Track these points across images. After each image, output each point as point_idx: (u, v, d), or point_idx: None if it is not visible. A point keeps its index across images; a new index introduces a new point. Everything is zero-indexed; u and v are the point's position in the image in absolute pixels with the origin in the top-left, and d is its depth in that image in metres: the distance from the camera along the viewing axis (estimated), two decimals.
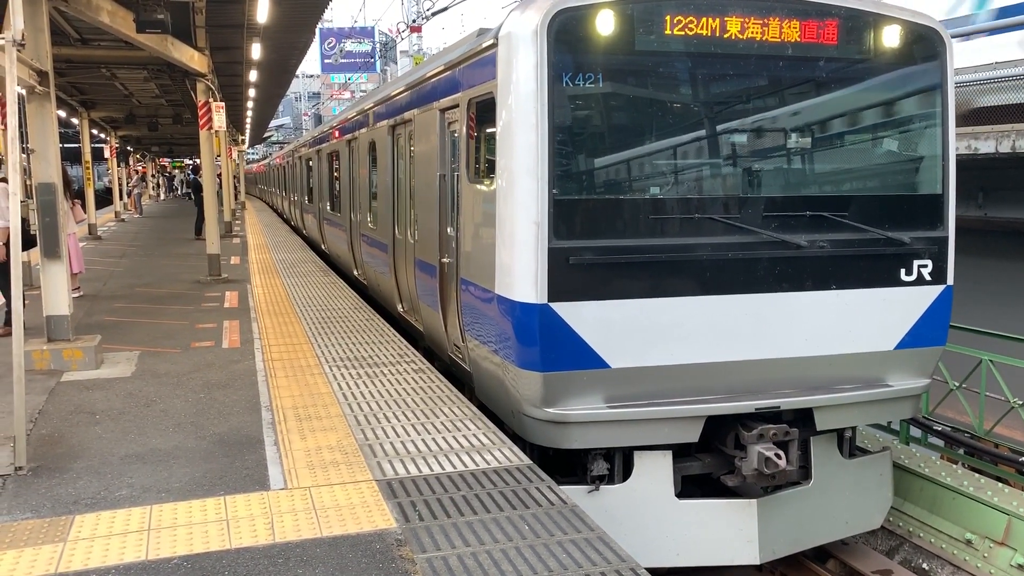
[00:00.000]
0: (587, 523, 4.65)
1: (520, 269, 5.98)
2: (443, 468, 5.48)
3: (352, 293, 12.93)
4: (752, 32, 6.12)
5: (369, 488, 5.15)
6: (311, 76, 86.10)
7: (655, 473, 6.40)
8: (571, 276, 5.90)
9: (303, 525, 4.64)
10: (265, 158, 61.92)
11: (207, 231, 15.26)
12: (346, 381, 7.61)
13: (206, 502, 4.97)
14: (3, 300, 10.24)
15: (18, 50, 5.97)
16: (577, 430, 6.18)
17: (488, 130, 6.75)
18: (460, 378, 7.94)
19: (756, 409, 6.37)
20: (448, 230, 7.93)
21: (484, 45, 6.66)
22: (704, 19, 6.01)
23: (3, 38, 5.79)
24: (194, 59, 14.00)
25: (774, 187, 6.69)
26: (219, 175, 25.48)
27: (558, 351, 5.97)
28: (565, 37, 5.86)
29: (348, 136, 14.29)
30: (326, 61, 64.73)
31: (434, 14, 28.73)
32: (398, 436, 6.10)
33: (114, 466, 5.60)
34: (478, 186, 6.94)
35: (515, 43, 5.96)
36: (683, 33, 6.02)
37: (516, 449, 5.86)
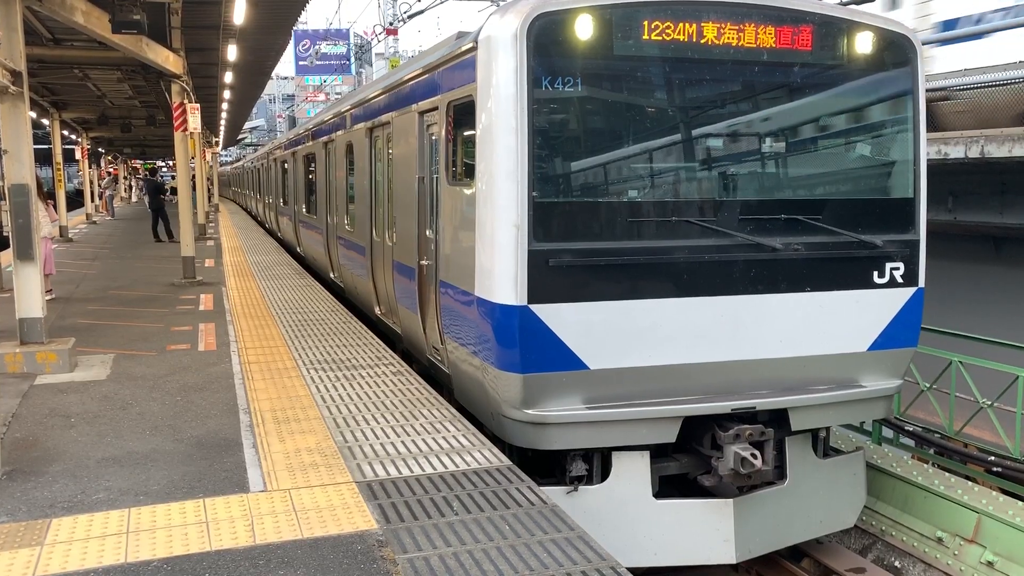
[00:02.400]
0: (567, 523, 4.69)
1: (500, 271, 6.01)
2: (423, 469, 5.49)
3: (328, 296, 12.89)
4: (728, 38, 6.20)
5: (349, 490, 5.16)
6: (285, 78, 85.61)
7: (633, 474, 6.45)
8: (550, 278, 5.94)
9: (284, 527, 4.64)
10: (239, 160, 61.50)
11: (181, 233, 15.14)
12: (324, 384, 7.59)
13: (185, 504, 4.94)
14: None
15: None
16: (556, 431, 6.21)
17: (467, 133, 6.76)
18: (439, 381, 7.92)
19: (732, 409, 6.43)
20: (427, 232, 7.92)
21: (464, 48, 6.68)
22: (681, 24, 6.08)
23: None
24: (169, 60, 13.91)
25: (749, 191, 6.77)
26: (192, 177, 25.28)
27: (537, 353, 6.00)
28: (544, 41, 5.89)
29: (324, 138, 14.22)
30: (301, 63, 64.38)
31: (410, 17, 28.72)
32: (377, 438, 6.11)
33: (91, 469, 5.56)
34: (458, 188, 6.95)
35: (495, 47, 6.00)
36: (660, 38, 6.08)
37: (496, 450, 5.89)
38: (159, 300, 12.67)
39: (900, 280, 6.75)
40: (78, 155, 34.75)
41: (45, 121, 25.40)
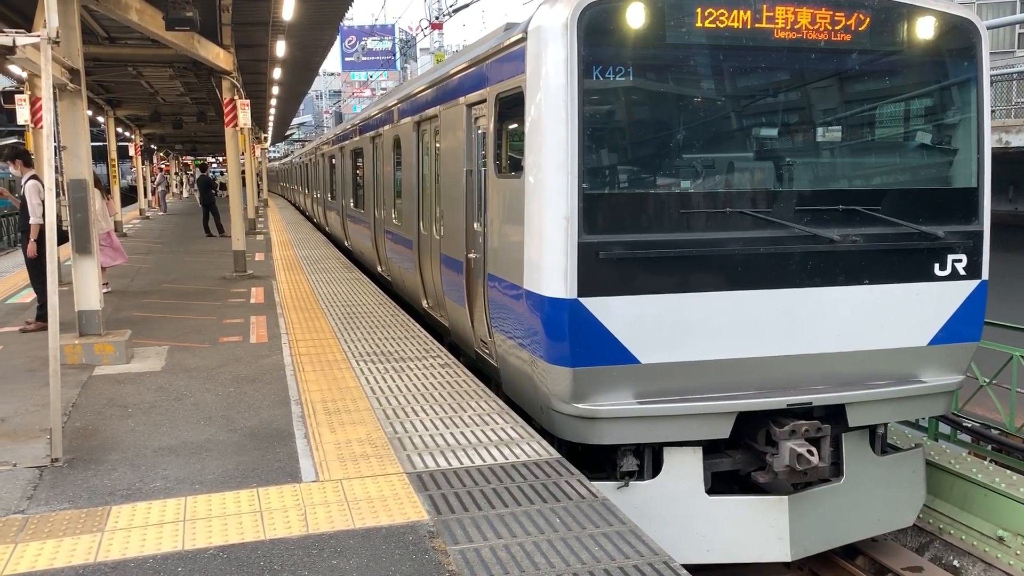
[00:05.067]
0: (618, 516, 4.65)
1: (549, 264, 5.96)
2: (472, 461, 5.50)
3: (376, 289, 12.98)
4: (784, 24, 6.07)
5: (400, 480, 5.18)
6: (332, 74, 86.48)
7: (685, 469, 6.37)
8: (601, 271, 5.88)
9: (336, 517, 4.68)
10: (286, 156, 62.27)
11: (232, 228, 15.37)
12: (373, 375, 7.65)
13: (239, 494, 5.02)
14: (35, 295, 10.39)
15: (52, 48, 6.05)
16: (607, 426, 6.16)
17: (516, 125, 6.74)
18: (487, 374, 7.94)
19: (788, 405, 6.31)
20: (475, 226, 7.92)
21: (513, 39, 6.65)
22: (735, 11, 5.97)
23: (38, 36, 5.86)
24: (220, 57, 14.11)
25: (806, 181, 6.62)
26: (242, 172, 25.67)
27: (588, 346, 5.95)
28: (595, 31, 5.82)
29: (372, 133, 14.29)
30: (347, 59, 64.94)
31: (456, 11, 28.77)
32: (427, 429, 6.14)
33: (148, 458, 5.67)
34: (506, 181, 6.93)
35: (545, 37, 5.94)
36: (714, 26, 5.97)
37: (545, 443, 5.87)
38: (211, 293, 12.89)
39: (963, 273, 6.56)
40: (131, 152, 35.50)
41: (100, 119, 26.00)
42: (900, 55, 6.49)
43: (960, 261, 6.55)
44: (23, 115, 14.12)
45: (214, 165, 64.11)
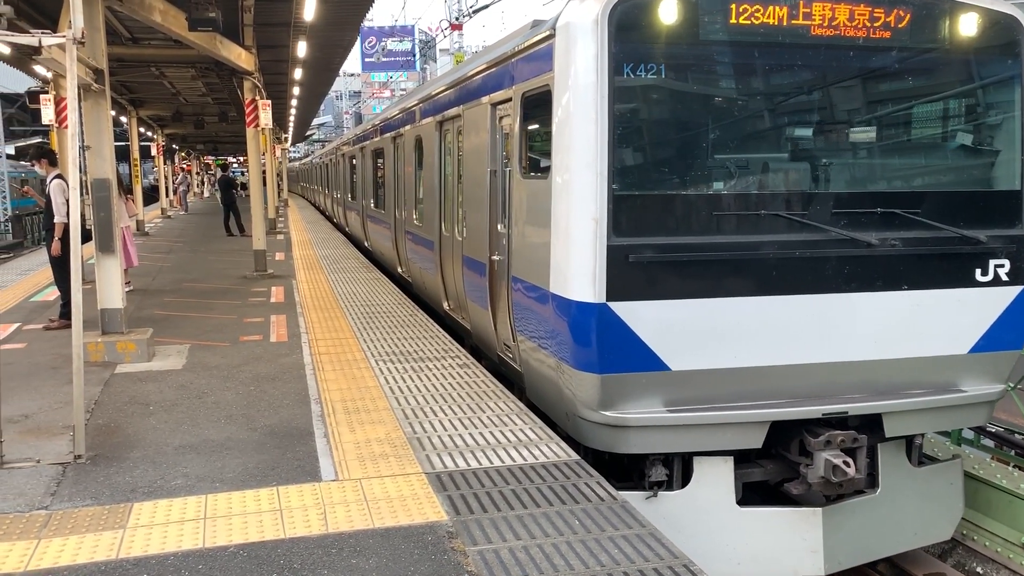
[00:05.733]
0: (638, 519, 4.63)
1: (577, 267, 5.81)
2: (491, 462, 5.50)
3: (395, 289, 13.01)
4: (821, 20, 5.89)
5: (419, 480, 5.19)
6: (352, 75, 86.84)
7: (715, 479, 6.17)
8: (630, 275, 5.71)
9: (355, 516, 4.69)
10: (307, 156, 62.58)
11: (253, 227, 15.47)
12: (392, 375, 7.66)
13: (260, 492, 5.04)
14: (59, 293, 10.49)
15: (77, 48, 6.11)
16: (635, 434, 5.98)
17: (543, 124, 6.60)
18: (509, 378, 7.79)
19: (823, 415, 6.11)
20: (498, 227, 7.77)
21: (540, 36, 6.49)
22: (771, 7, 5.80)
23: (64, 36, 5.92)
24: (241, 57, 14.20)
25: (843, 183, 6.41)
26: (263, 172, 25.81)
27: (616, 352, 5.79)
28: (626, 27, 5.65)
29: (393, 133, 14.18)
30: (367, 60, 65.33)
31: (475, 11, 28.80)
32: (445, 430, 6.14)
33: (169, 456, 5.71)
34: (532, 181, 6.78)
35: (574, 33, 5.78)
36: (749, 22, 5.78)
37: (564, 445, 5.86)
38: (232, 292, 12.97)
39: (1005, 278, 6.33)
40: (153, 151, 35.80)
41: (123, 119, 26.24)
42: (940, 53, 6.28)
43: (1003, 266, 6.31)
44: (48, 115, 14.28)
45: (235, 165, 64.57)
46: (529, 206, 6.81)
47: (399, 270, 14.16)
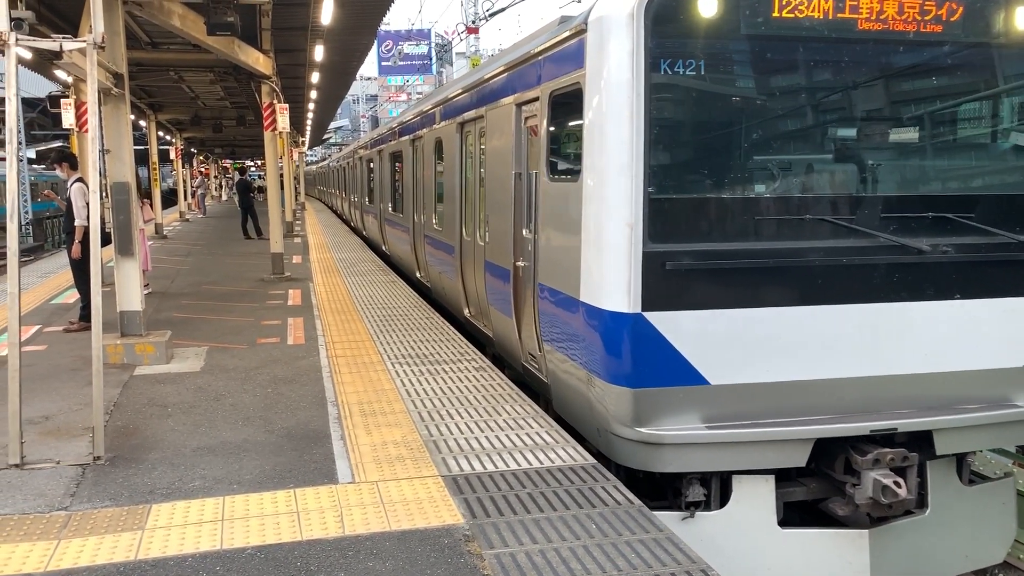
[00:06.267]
0: (655, 524, 4.61)
1: (610, 275, 5.55)
2: (507, 465, 5.49)
3: (412, 292, 13.03)
4: (868, 14, 5.57)
5: (435, 483, 5.19)
6: (369, 78, 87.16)
7: (756, 499, 5.83)
8: (667, 283, 5.43)
9: (372, 519, 4.69)
10: (324, 159, 62.88)
11: (271, 230, 15.54)
12: (408, 378, 7.67)
13: (277, 494, 5.05)
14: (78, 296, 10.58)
15: (97, 53, 6.16)
16: (672, 452, 5.63)
17: (573, 124, 6.36)
18: (535, 389, 7.54)
19: (871, 431, 5.75)
20: (523, 232, 7.48)
21: (570, 32, 6.20)
22: (815, 0, 5.49)
23: (85, 41, 5.97)
24: (259, 61, 14.28)
25: (892, 185, 6.06)
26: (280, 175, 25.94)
27: (652, 365, 5.51)
28: (663, 21, 5.36)
29: (411, 135, 13.99)
30: (384, 63, 65.53)
31: (492, 15, 28.84)
32: (461, 433, 6.14)
33: (187, 457, 5.74)
34: (560, 185, 6.52)
35: (608, 28, 5.51)
36: (792, 16, 5.48)
37: (580, 448, 5.84)
38: (249, 295, 13.04)
39: None
40: (172, 155, 36.07)
41: (143, 123, 26.46)
42: (995, 47, 5.93)
43: None
44: (68, 119, 14.42)
45: (253, 169, 64.97)
46: (557, 210, 6.58)
47: (417, 275, 13.99)
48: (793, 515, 6.11)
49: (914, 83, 6.09)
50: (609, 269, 5.57)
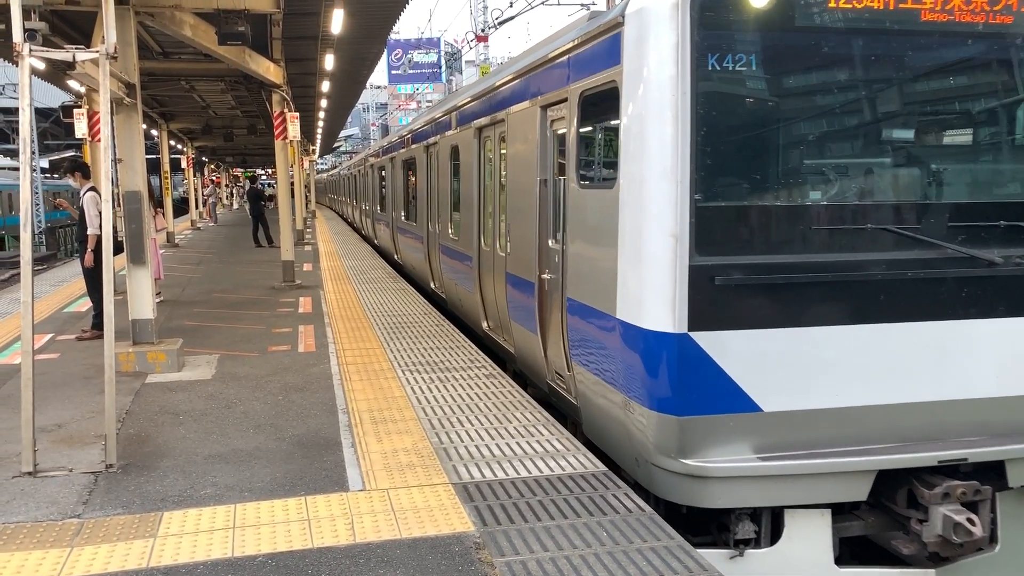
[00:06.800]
0: (666, 531, 4.60)
1: (652, 291, 5.11)
2: (518, 473, 5.48)
3: (422, 299, 13.04)
4: (932, 4, 5.16)
5: (446, 491, 5.19)
6: (379, 87, 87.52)
7: (810, 535, 5.32)
8: (716, 300, 5.00)
9: (383, 526, 4.69)
10: (334, 167, 63.10)
11: (281, 238, 15.60)
12: (419, 385, 7.68)
13: (288, 502, 5.06)
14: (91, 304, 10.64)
15: (110, 63, 6.21)
16: (720, 486, 5.16)
17: (608, 126, 5.99)
18: (561, 410, 7.11)
19: (939, 461, 5.27)
20: (549, 242, 7.10)
21: (604, 27, 5.75)
22: None
23: (97, 51, 6.02)
24: (270, 70, 14.36)
25: (961, 192, 5.62)
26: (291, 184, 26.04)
27: (699, 391, 5.06)
28: (711, 11, 4.95)
29: (426, 141, 13.63)
30: (393, 72, 65.84)
31: (501, 23, 28.90)
32: (472, 440, 6.13)
33: (198, 465, 5.75)
34: (593, 192, 6.11)
35: (649, 20, 5.10)
36: (850, 6, 5.09)
37: (590, 455, 5.83)
38: (260, 303, 13.08)
39: None
40: (183, 164, 36.30)
41: (154, 132, 26.64)
42: None
43: None
44: (81, 129, 14.53)
45: (263, 177, 65.26)
46: (589, 220, 6.13)
47: (432, 285, 13.63)
48: (844, 550, 5.62)
49: (983, 78, 5.62)
50: (650, 285, 5.15)
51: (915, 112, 5.58)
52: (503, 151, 8.71)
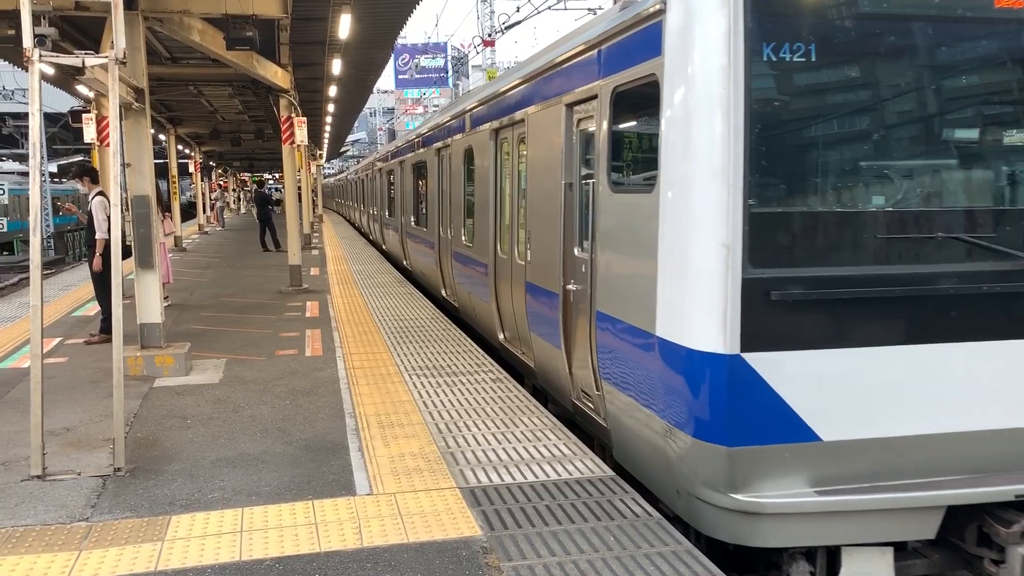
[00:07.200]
0: (675, 537, 4.58)
1: (699, 307, 4.65)
2: (525, 477, 5.47)
3: (428, 303, 13.05)
4: None
5: (453, 495, 5.18)
6: (386, 92, 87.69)
7: None
8: (772, 317, 4.53)
9: (390, 530, 4.69)
10: (341, 172, 63.21)
11: (288, 243, 15.64)
12: (426, 389, 7.68)
13: (295, 506, 5.06)
14: (99, 309, 10.68)
15: (119, 68, 6.24)
16: (773, 523, 4.70)
17: (645, 125, 5.63)
18: (588, 432, 6.70)
19: (1016, 496, 4.75)
20: (575, 250, 6.66)
21: (642, 15, 5.26)
22: None
23: (107, 57, 6.05)
24: (278, 75, 14.40)
25: None
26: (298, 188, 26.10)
27: (752, 418, 4.60)
28: None
29: (437, 144, 13.23)
30: (400, 76, 65.91)
31: (508, 28, 28.94)
32: (479, 444, 6.13)
33: (206, 469, 5.76)
34: (628, 196, 5.67)
35: (696, 6, 4.67)
36: None
37: (598, 460, 5.82)
38: (267, 307, 13.11)
39: None
40: (191, 168, 36.43)
41: (162, 137, 26.75)
42: None
43: None
44: (90, 134, 14.59)
45: (271, 181, 65.44)
46: (623, 226, 5.67)
47: (443, 293, 13.21)
48: None
49: None
50: (697, 300, 4.67)
51: (995, 108, 5.14)
52: (522, 153, 8.27)
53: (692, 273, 4.70)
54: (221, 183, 50.33)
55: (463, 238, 11.25)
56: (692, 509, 4.99)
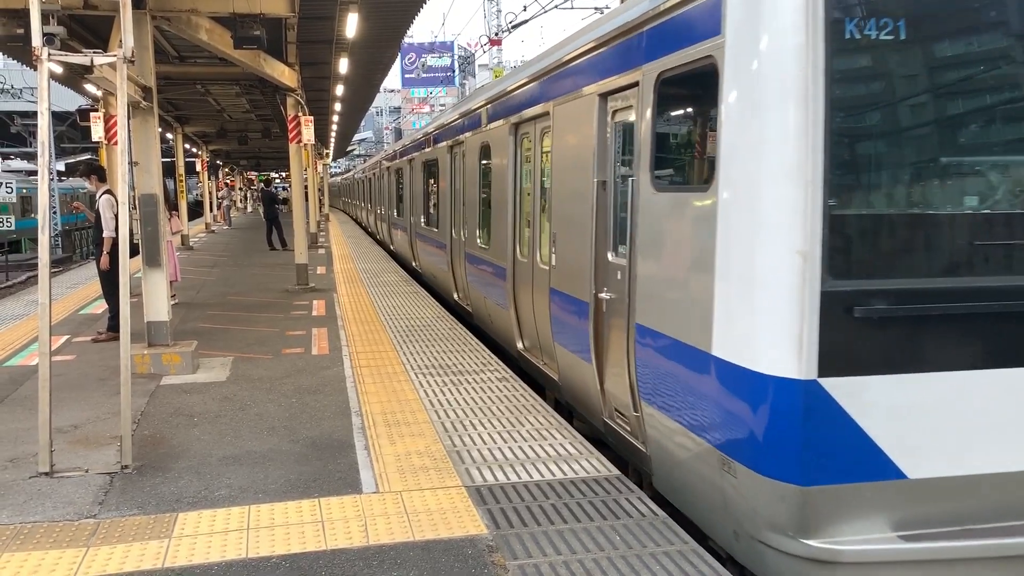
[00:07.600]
0: (680, 536, 4.58)
1: (769, 325, 4.08)
2: (531, 476, 5.48)
3: (434, 303, 13.06)
4: None
5: (459, 494, 5.19)
6: (392, 91, 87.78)
7: None
8: (854, 336, 3.99)
9: (396, 528, 4.70)
10: (348, 171, 63.27)
11: (295, 241, 15.67)
12: (432, 388, 7.69)
13: (301, 503, 5.08)
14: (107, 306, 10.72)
15: (127, 67, 6.26)
16: (852, 572, 4.14)
17: (698, 116, 5.12)
18: (621, 455, 6.12)
19: None
20: (609, 256, 6.15)
21: None
22: None
23: (115, 55, 6.07)
24: (285, 74, 14.43)
25: None
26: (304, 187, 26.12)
27: (829, 453, 4.04)
28: None
29: (450, 141, 12.64)
30: (407, 75, 65.97)
31: (515, 27, 28.94)
32: (485, 443, 6.14)
33: (213, 467, 5.78)
34: (676, 196, 5.10)
35: None
36: None
37: (604, 459, 5.81)
38: (274, 306, 13.14)
39: None
40: (198, 167, 36.53)
41: (170, 135, 26.82)
42: None
43: None
44: (97, 132, 14.64)
45: (277, 180, 65.56)
46: (670, 230, 5.08)
47: (455, 296, 12.71)
48: None
49: None
50: (766, 316, 4.11)
51: None
52: (546, 149, 7.64)
53: (759, 285, 4.14)
54: (228, 182, 50.43)
55: (478, 240, 10.72)
56: (754, 554, 4.42)
